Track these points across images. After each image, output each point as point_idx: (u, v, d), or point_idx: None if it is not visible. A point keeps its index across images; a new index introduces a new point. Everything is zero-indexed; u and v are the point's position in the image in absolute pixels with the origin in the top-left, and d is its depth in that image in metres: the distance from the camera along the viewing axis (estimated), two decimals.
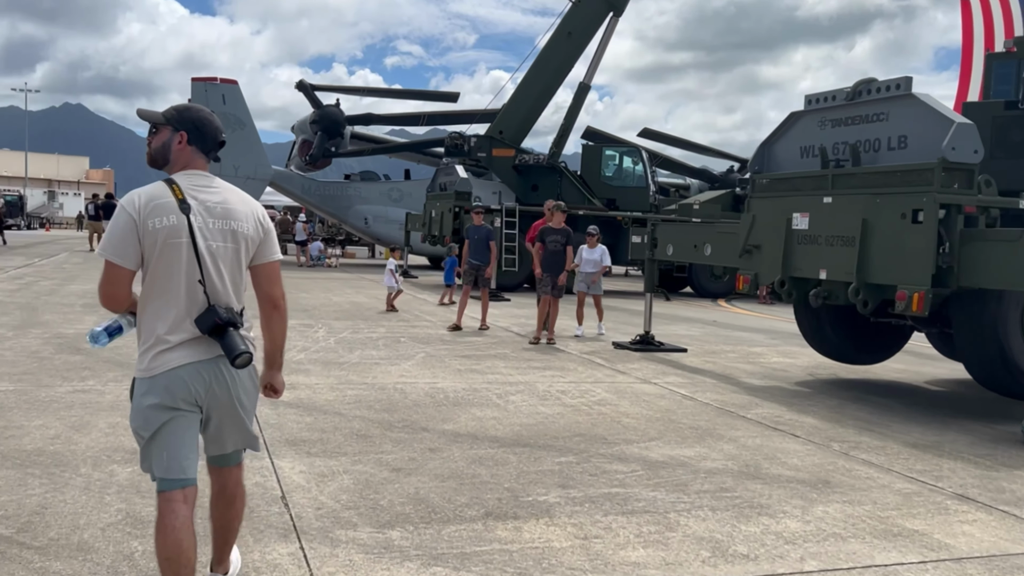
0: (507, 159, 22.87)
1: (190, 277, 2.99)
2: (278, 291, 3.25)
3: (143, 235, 2.94)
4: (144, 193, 3.01)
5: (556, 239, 11.93)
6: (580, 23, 22.53)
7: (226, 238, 3.05)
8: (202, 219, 3.00)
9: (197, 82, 26.55)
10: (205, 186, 3.08)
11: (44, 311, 12.42)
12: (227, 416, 3.16)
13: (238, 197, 3.16)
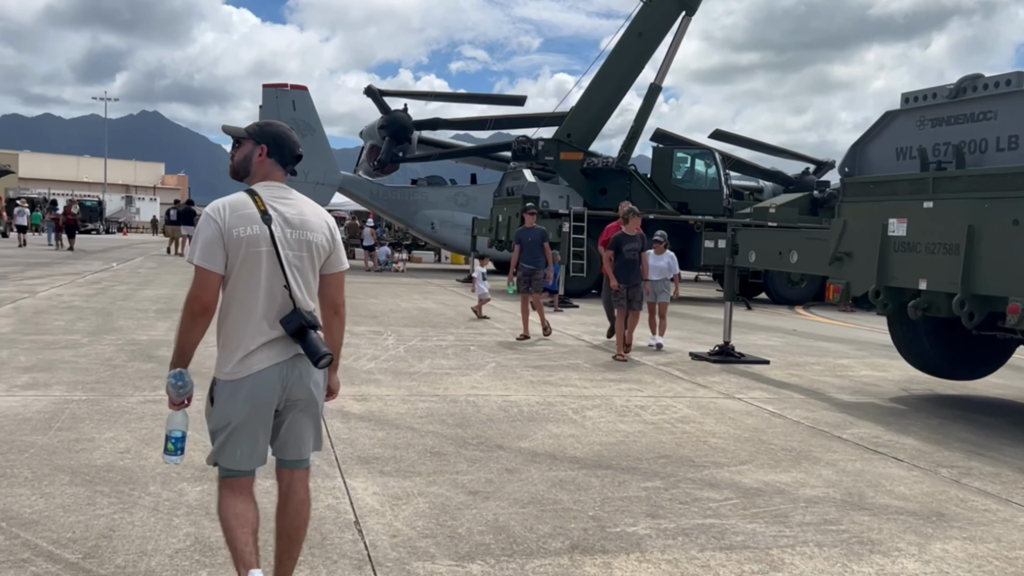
0: (575, 162, 22.51)
1: (270, 283, 3.13)
2: (341, 299, 3.43)
3: (228, 243, 3.09)
4: (228, 203, 3.15)
5: (633, 247, 11.06)
6: (651, 23, 22.04)
7: (301, 247, 3.20)
8: (281, 229, 3.15)
9: (268, 88, 26.87)
10: (283, 198, 3.23)
11: (119, 316, 12.55)
12: (304, 415, 3.27)
13: (312, 209, 3.30)
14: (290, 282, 3.14)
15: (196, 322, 3.19)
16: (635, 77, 22.57)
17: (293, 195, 3.27)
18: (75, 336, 10.40)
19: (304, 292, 3.20)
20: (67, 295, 15.28)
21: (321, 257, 3.27)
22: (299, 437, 3.29)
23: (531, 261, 12.82)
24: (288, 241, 3.16)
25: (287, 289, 3.13)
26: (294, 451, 3.32)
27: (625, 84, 22.60)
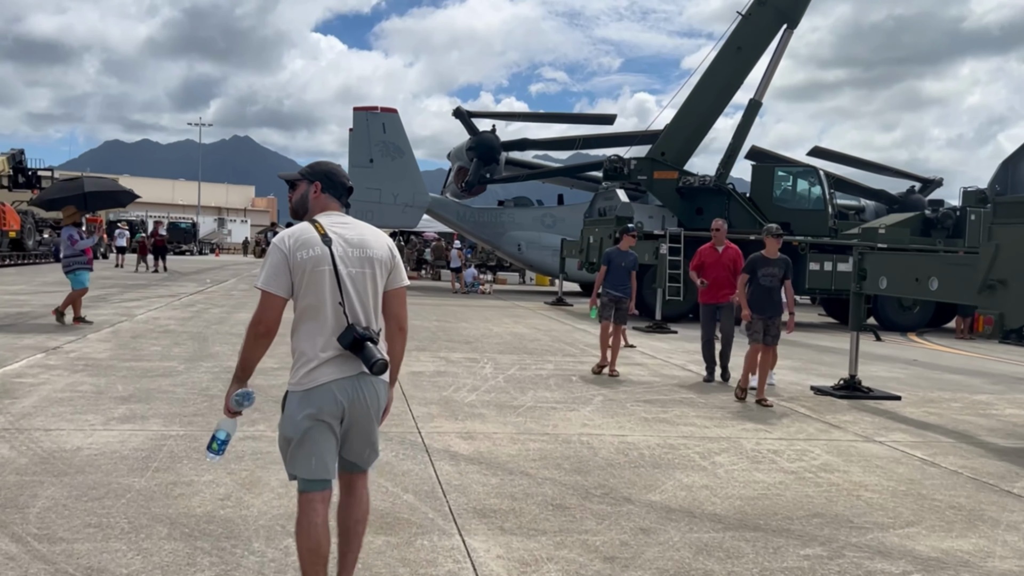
0: (670, 181, 21.77)
1: (334, 300, 3.35)
2: (404, 314, 3.60)
3: (293, 267, 3.35)
4: (292, 232, 3.43)
5: (771, 272, 9.49)
6: (751, 37, 21.22)
7: (363, 264, 3.42)
8: (342, 249, 3.38)
9: (359, 111, 27.00)
10: (342, 223, 3.50)
11: (214, 341, 12.41)
12: (363, 427, 3.47)
13: (371, 231, 3.56)
14: (346, 299, 3.35)
15: (259, 342, 3.50)
16: (733, 93, 21.74)
17: (351, 221, 3.53)
18: (171, 363, 10.22)
19: (361, 309, 3.40)
20: (163, 318, 15.33)
21: (384, 272, 3.49)
22: (361, 449, 3.52)
23: (619, 287, 11.33)
24: (349, 259, 3.40)
25: (341, 307, 3.34)
26: (358, 458, 3.55)
27: (723, 100, 21.78)
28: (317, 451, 3.36)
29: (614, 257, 11.44)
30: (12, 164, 34.47)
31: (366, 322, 3.39)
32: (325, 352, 3.36)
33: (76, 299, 13.70)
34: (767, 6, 20.98)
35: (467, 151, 28.58)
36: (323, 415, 3.33)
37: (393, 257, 3.55)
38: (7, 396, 7.83)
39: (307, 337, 3.42)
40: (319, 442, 3.36)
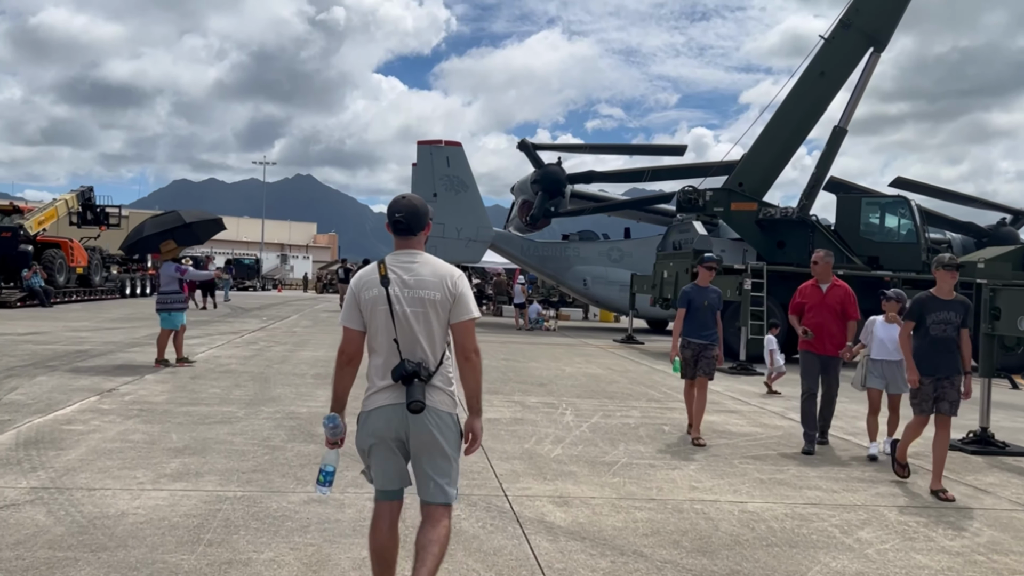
0: (749, 213, 20.65)
1: (389, 335, 3.63)
2: (470, 345, 3.71)
3: (361, 305, 3.72)
4: (361, 273, 3.81)
5: (946, 317, 7.08)
6: (835, 62, 20.13)
7: (416, 304, 3.64)
8: (398, 289, 3.66)
9: (423, 145, 26.57)
10: (407, 262, 3.72)
11: (276, 383, 11.72)
12: (424, 455, 3.65)
13: (431, 269, 3.71)
14: (400, 335, 3.61)
15: (343, 371, 3.80)
16: (816, 120, 20.62)
17: (417, 258, 3.73)
18: (231, 407, 9.52)
19: (420, 343, 3.63)
20: (224, 357, 14.76)
21: (439, 311, 3.66)
22: (428, 477, 3.67)
23: (701, 332, 9.05)
24: (405, 299, 3.65)
25: (395, 343, 3.61)
26: (427, 492, 3.70)
27: (805, 128, 20.66)
28: (380, 467, 3.72)
29: (694, 296, 9.15)
30: (81, 201, 34.94)
31: (420, 356, 3.62)
32: (383, 381, 3.68)
33: (177, 338, 13.16)
34: (852, 29, 19.90)
35: (532, 184, 27.87)
36: (379, 436, 3.66)
37: (452, 294, 3.68)
38: (54, 447, 7.16)
39: (372, 367, 3.76)
40: (381, 459, 3.70)
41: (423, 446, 3.62)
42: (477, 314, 3.76)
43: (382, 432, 3.65)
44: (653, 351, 20.83)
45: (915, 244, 20.06)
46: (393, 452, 3.67)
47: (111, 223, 36.43)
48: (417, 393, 3.53)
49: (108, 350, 15.05)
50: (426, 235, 3.86)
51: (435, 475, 3.66)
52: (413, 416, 3.57)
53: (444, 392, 3.67)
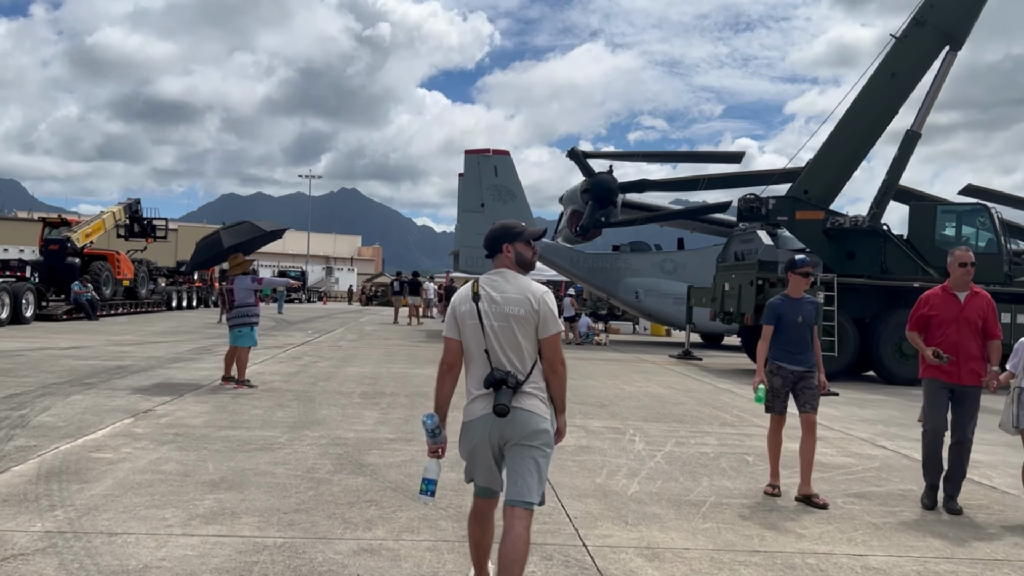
0: (815, 222, 19.48)
1: (480, 347, 4.04)
2: (556, 358, 4.09)
3: (457, 318, 4.14)
4: (460, 290, 4.24)
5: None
6: (907, 62, 18.93)
7: (502, 319, 4.02)
8: (487, 305, 4.05)
9: (470, 155, 25.90)
10: (497, 281, 4.13)
11: (321, 402, 11.00)
12: (521, 457, 3.96)
13: (517, 288, 4.08)
14: (489, 347, 4.00)
15: (444, 378, 4.26)
16: (888, 123, 19.41)
17: (508, 277, 4.13)
18: (273, 431, 8.79)
19: (503, 355, 3.99)
20: (268, 373, 14.11)
21: (524, 326, 4.02)
22: (523, 477, 3.94)
23: (795, 355, 7.26)
24: (493, 315, 4.02)
25: (486, 353, 4.01)
26: (513, 491, 3.95)
27: (876, 131, 19.47)
28: (476, 471, 4.13)
29: (784, 310, 7.27)
30: (128, 213, 34.93)
31: (509, 366, 3.96)
32: (478, 390, 4.04)
33: (241, 357, 12.32)
34: (926, 26, 18.70)
35: (582, 193, 26.98)
36: (476, 441, 4.05)
37: (537, 311, 4.01)
38: (78, 479, 6.47)
39: (469, 376, 4.13)
40: (478, 464, 4.08)
41: (524, 447, 3.94)
42: (561, 329, 4.12)
43: (479, 438, 4.03)
44: (714, 368, 19.79)
45: (996, 255, 18.72)
46: (489, 457, 4.05)
47: (158, 235, 36.38)
48: (503, 398, 3.87)
49: (149, 366, 14.51)
50: (508, 257, 4.17)
51: (526, 475, 3.94)
52: (508, 421, 3.90)
53: (536, 398, 4.00)
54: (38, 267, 28.10)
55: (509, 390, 3.90)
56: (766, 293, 17.73)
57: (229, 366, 12.47)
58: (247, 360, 12.46)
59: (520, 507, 3.92)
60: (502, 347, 3.98)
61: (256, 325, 12.48)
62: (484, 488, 4.17)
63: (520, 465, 3.93)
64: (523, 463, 3.94)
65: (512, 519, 3.92)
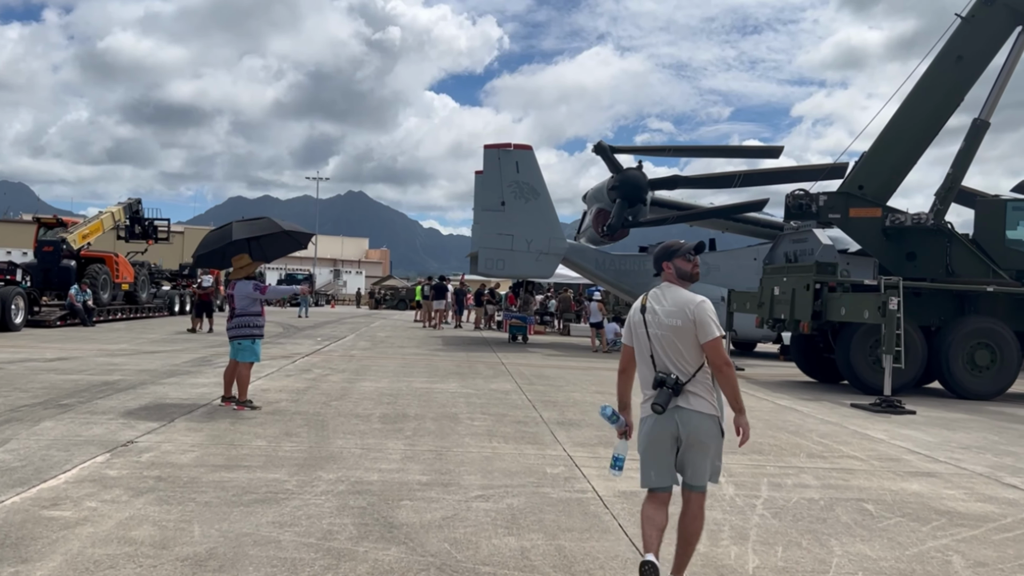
0: (872, 220, 17.82)
1: (646, 353, 4.61)
2: (719, 360, 4.49)
3: (632, 327, 4.75)
4: (636, 303, 4.82)
5: None
6: (976, 43, 17.26)
7: (664, 328, 4.54)
8: (652, 316, 4.61)
9: (490, 149, 24.24)
10: (663, 295, 4.67)
11: (336, 429, 9.35)
12: (694, 450, 4.52)
13: (674, 299, 4.60)
14: (654, 352, 4.56)
15: (620, 379, 4.88)
16: (952, 111, 17.74)
17: (667, 291, 4.67)
18: (278, 472, 7.14)
19: (667, 359, 4.52)
20: (274, 390, 12.47)
21: (681, 334, 4.49)
22: (693, 466, 4.56)
23: None
24: (657, 324, 4.57)
25: (651, 358, 4.57)
26: (690, 476, 4.59)
27: (939, 121, 17.78)
28: (651, 465, 4.61)
29: None
30: (128, 214, 33.34)
31: (672, 369, 4.50)
32: (648, 390, 4.60)
33: (242, 374, 10.69)
34: (997, 5, 17.03)
35: (609, 191, 25.27)
36: (652, 435, 4.56)
37: (693, 320, 4.47)
38: (15, 556, 4.82)
39: (640, 377, 4.70)
40: (653, 457, 4.59)
41: (696, 440, 4.49)
42: (720, 333, 4.52)
43: (655, 432, 4.55)
44: (761, 379, 18.10)
45: None
46: (664, 451, 4.55)
47: (160, 237, 34.80)
48: (660, 398, 4.45)
49: (140, 381, 12.88)
50: (670, 273, 4.73)
51: (696, 463, 4.55)
52: (681, 421, 4.47)
53: (701, 398, 4.50)
54: (31, 270, 26.49)
55: (668, 390, 4.42)
56: (824, 298, 16.05)
57: (229, 384, 10.85)
58: (249, 377, 10.81)
59: (695, 491, 4.61)
60: (665, 352, 4.52)
61: (260, 338, 10.84)
62: (660, 486, 4.60)
63: (695, 457, 4.52)
64: (697, 455, 4.52)
65: (690, 500, 4.61)
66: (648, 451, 4.57)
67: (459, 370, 16.70)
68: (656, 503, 4.57)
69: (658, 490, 4.58)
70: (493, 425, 10.11)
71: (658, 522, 4.53)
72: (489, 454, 8.33)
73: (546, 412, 11.40)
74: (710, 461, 4.56)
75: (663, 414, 4.44)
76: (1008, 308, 16.36)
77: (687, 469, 4.53)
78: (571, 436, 9.63)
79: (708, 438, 4.50)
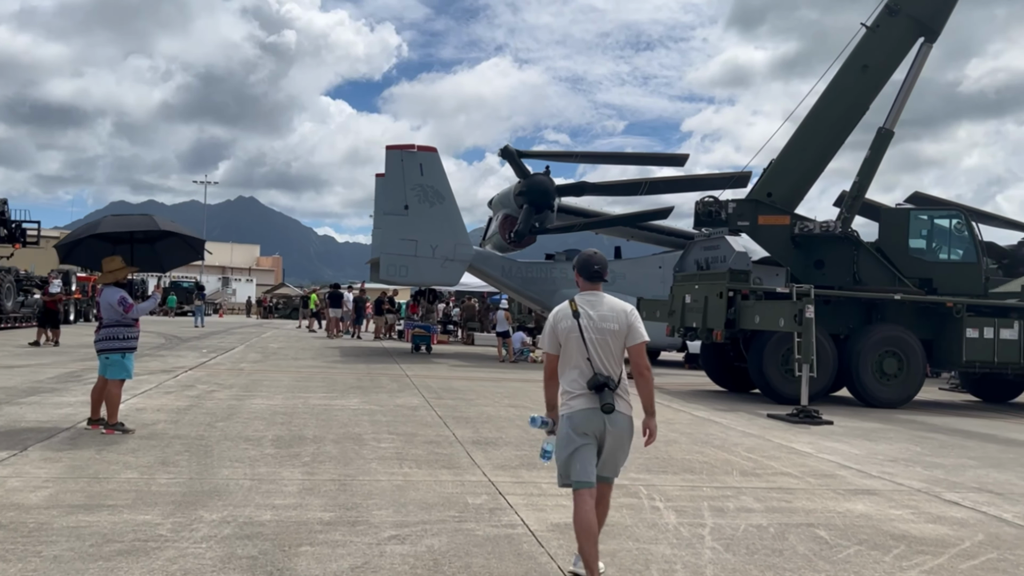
0: (781, 228, 17.72)
1: (583, 356, 4.85)
2: (642, 364, 4.94)
3: (558, 333, 4.97)
4: (558, 309, 5.07)
5: None
6: (880, 54, 17.42)
7: (601, 332, 4.86)
8: (587, 321, 4.88)
9: (392, 151, 23.15)
10: (592, 301, 4.97)
11: (222, 456, 8.18)
12: (611, 448, 4.88)
13: (610, 305, 4.97)
14: (591, 355, 4.83)
15: (549, 384, 5.10)
16: (857, 120, 17.82)
17: (602, 298, 4.99)
18: (150, 514, 5.97)
19: (604, 361, 4.83)
20: (150, 409, 11.10)
21: (617, 338, 4.87)
22: (613, 461, 4.95)
23: None
24: (593, 328, 4.85)
25: (588, 361, 4.83)
26: (606, 470, 4.96)
27: (845, 129, 17.86)
28: (580, 460, 4.81)
29: None
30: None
31: (607, 372, 4.83)
32: (576, 389, 4.85)
33: (112, 392, 9.31)
34: (900, 16, 17.21)
35: (516, 196, 24.59)
36: (579, 433, 4.80)
37: (627, 323, 4.89)
38: None
39: (567, 378, 4.93)
40: (580, 454, 4.81)
41: (613, 439, 4.83)
42: (647, 338, 4.95)
43: (583, 429, 4.79)
44: (672, 389, 17.72)
45: (974, 264, 17.34)
46: (590, 448, 4.82)
47: (28, 241, 32.02)
48: (608, 398, 4.76)
49: None
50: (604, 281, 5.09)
51: (617, 460, 4.95)
52: (610, 420, 4.77)
53: (624, 399, 4.90)
54: None
55: (610, 391, 4.78)
56: (738, 306, 15.76)
57: (97, 405, 9.50)
58: (119, 396, 9.48)
59: (609, 483, 5.05)
60: (600, 356, 4.84)
61: (132, 351, 9.53)
62: (584, 481, 4.81)
63: (615, 453, 4.92)
64: (618, 452, 4.93)
65: (604, 491, 5.02)
66: (577, 448, 4.79)
67: (360, 384, 15.58)
68: (589, 501, 4.80)
69: (584, 485, 4.81)
70: (402, 447, 9.13)
71: (594, 531, 4.79)
72: (401, 482, 7.36)
73: (459, 430, 10.50)
74: (626, 458, 4.99)
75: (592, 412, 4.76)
76: (913, 316, 16.49)
77: (606, 464, 4.89)
78: (490, 457, 8.76)
79: (628, 437, 4.91)
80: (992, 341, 16.09)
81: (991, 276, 18.92)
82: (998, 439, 12.53)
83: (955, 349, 16.14)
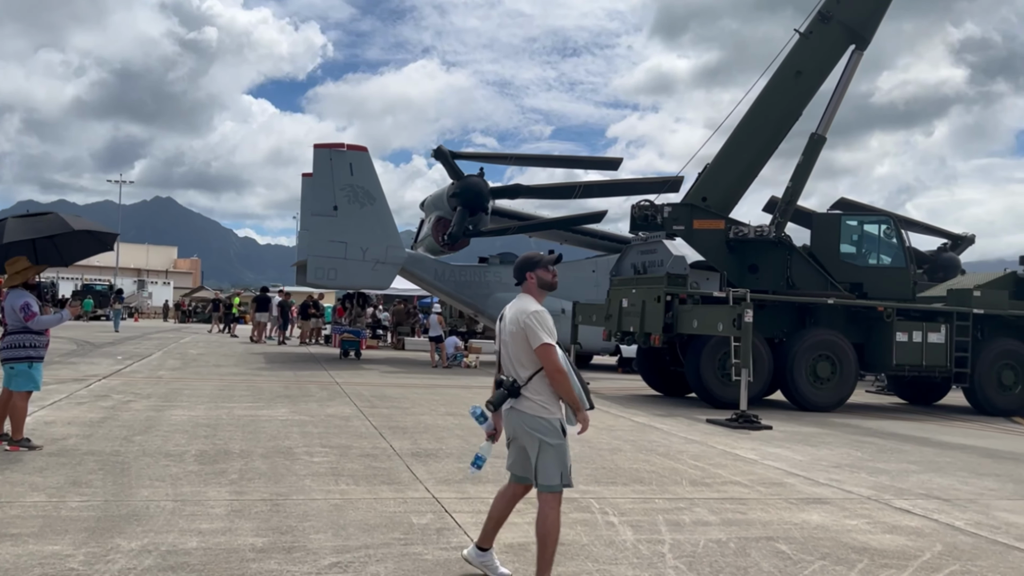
0: (715, 232, 17.74)
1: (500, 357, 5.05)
2: (549, 366, 4.74)
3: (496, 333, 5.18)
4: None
5: None
6: (812, 60, 17.63)
7: (507, 335, 4.92)
8: (503, 323, 4.99)
9: (321, 149, 22.43)
10: (515, 304, 5.00)
11: (140, 473, 7.53)
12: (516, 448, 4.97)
13: (516, 308, 4.95)
14: (501, 357, 4.98)
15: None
16: (792, 124, 18.01)
17: (522, 301, 4.98)
18: (60, 543, 5.35)
19: (509, 363, 4.90)
20: (60, 422, 10.29)
21: (518, 340, 4.82)
22: (520, 461, 4.95)
23: None
24: (504, 330, 4.96)
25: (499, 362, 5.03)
26: (519, 470, 4.99)
27: (779, 134, 18.02)
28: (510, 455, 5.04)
29: None
30: None
31: (512, 373, 4.86)
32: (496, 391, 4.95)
33: (17, 406, 8.48)
34: (832, 23, 17.46)
35: (450, 198, 24.14)
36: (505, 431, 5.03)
37: (523, 328, 4.78)
38: None
39: None
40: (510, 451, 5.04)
41: (514, 439, 4.93)
42: (545, 340, 4.73)
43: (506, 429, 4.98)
44: (609, 394, 17.52)
45: (903, 269, 17.68)
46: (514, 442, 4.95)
47: None
48: (495, 397, 4.84)
49: None
50: (532, 282, 5.01)
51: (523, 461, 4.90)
52: (512, 417, 4.85)
53: (532, 400, 4.78)
54: None
55: (503, 391, 4.80)
56: (675, 310, 15.66)
57: (1, 419, 8.70)
58: (25, 409, 8.69)
59: (541, 491, 4.82)
60: (507, 357, 4.93)
61: (39, 360, 8.75)
62: (508, 470, 5.08)
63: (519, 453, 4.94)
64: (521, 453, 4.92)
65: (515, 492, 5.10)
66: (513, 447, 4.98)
67: (288, 392, 14.90)
68: (504, 488, 5.07)
69: (510, 477, 5.04)
70: (337, 461, 8.60)
71: (496, 510, 5.06)
72: (338, 501, 6.86)
73: (396, 441, 10.01)
74: (543, 461, 4.73)
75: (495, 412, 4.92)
76: (846, 320, 16.71)
77: (519, 464, 4.93)
78: (431, 471, 8.31)
79: (530, 437, 4.75)
80: (921, 345, 16.40)
81: (918, 281, 19.39)
82: (932, 442, 12.67)
83: (886, 353, 16.39)
